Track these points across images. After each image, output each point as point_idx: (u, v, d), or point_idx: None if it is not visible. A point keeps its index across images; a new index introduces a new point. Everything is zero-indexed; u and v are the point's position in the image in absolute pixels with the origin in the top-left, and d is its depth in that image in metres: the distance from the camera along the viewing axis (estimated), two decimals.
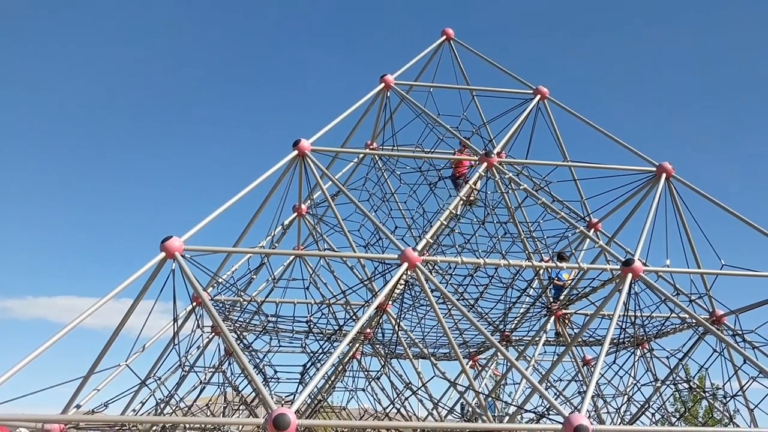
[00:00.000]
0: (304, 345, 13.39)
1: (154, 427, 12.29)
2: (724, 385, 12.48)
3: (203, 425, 13.55)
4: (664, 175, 12.46)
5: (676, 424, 14.54)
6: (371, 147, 15.12)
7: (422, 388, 13.17)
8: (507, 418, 14.94)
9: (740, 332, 12.25)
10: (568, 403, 14.47)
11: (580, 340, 14.44)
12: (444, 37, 15.50)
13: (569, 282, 14.57)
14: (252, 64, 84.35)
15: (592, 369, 13.16)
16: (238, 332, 13.05)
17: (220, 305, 12.72)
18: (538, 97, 13.87)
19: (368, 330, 13.51)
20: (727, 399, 12.67)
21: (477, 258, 11.51)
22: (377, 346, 14.20)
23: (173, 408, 12.33)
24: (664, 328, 13.55)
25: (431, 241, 12.14)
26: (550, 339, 15.09)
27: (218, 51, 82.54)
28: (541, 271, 13.56)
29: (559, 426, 7.88)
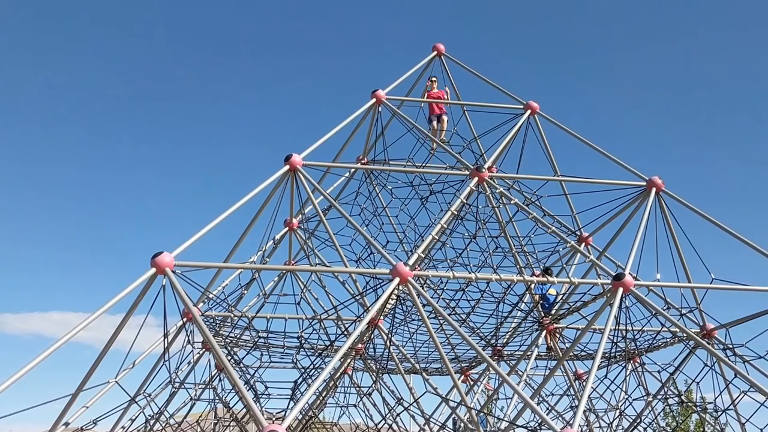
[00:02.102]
0: (295, 361, 13.33)
1: None
2: (716, 399, 12.52)
3: None
4: (654, 190, 12.53)
5: None
6: (363, 161, 15.15)
7: (414, 404, 13.12)
8: None
9: (731, 346, 12.28)
10: (560, 418, 14.45)
11: (571, 354, 14.44)
12: (435, 52, 15.58)
13: (560, 297, 14.58)
14: (243, 77, 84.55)
15: (584, 383, 13.15)
16: (229, 348, 12.98)
17: (211, 321, 12.66)
18: (529, 112, 13.94)
19: (360, 345, 13.47)
20: (719, 413, 12.68)
21: (468, 272, 11.51)
22: (369, 361, 14.15)
23: (163, 425, 12.23)
24: (655, 342, 13.57)
25: (423, 255, 12.14)
26: (541, 353, 15.08)
27: (210, 62, 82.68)
28: (533, 286, 13.58)
29: None
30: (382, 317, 12.72)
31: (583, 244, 14.42)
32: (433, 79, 15.35)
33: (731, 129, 74.84)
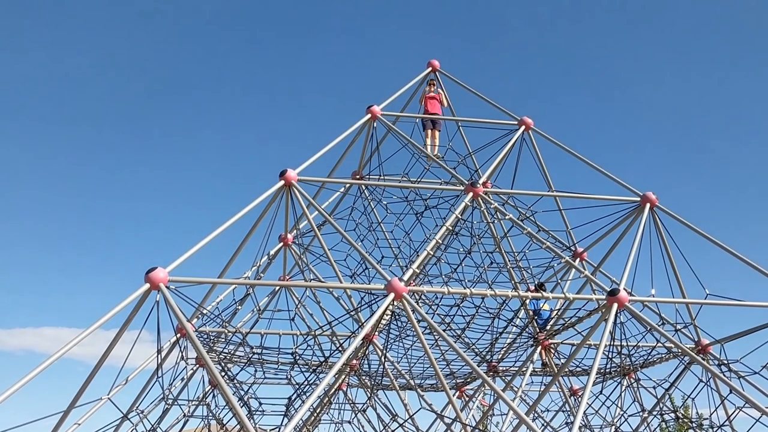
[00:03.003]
0: (289, 377, 13.26)
1: None
2: (711, 415, 12.48)
3: None
4: (648, 205, 12.58)
5: None
6: (358, 177, 15.16)
7: (409, 420, 13.05)
8: None
9: (726, 362, 12.28)
10: None
11: (566, 370, 14.40)
12: (430, 68, 15.64)
13: (555, 313, 14.58)
14: (239, 93, 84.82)
15: (579, 399, 13.11)
16: (223, 364, 12.90)
17: (205, 336, 12.59)
18: (523, 128, 13.99)
19: (354, 361, 13.40)
20: (714, 429, 12.65)
21: (463, 288, 11.49)
22: (363, 377, 14.08)
23: None
24: (650, 357, 13.55)
25: (418, 271, 12.13)
26: (537, 369, 15.05)
27: (207, 71, 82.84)
28: (527, 301, 13.57)
29: None
30: (376, 333, 12.67)
31: (578, 259, 14.43)
32: (433, 82, 15.43)
33: (726, 145, 75.26)
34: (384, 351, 12.88)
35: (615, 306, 10.23)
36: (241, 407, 11.23)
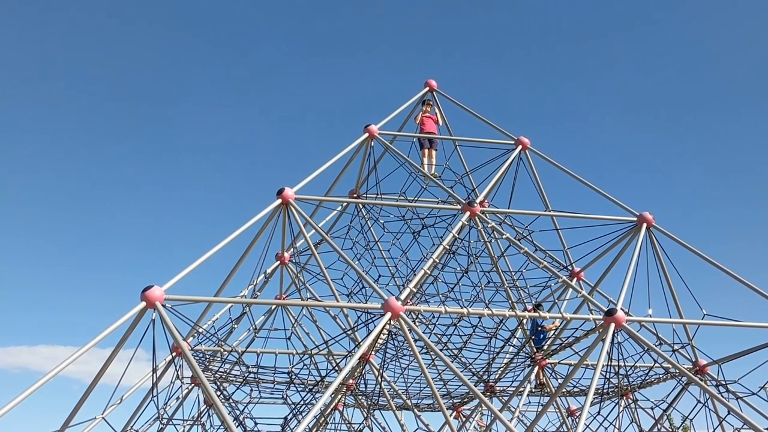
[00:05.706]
0: (285, 396, 13.18)
1: None
2: None
3: None
4: (644, 225, 12.59)
5: None
6: (355, 195, 15.16)
7: None
8: None
9: (723, 382, 12.24)
10: None
11: (564, 390, 14.34)
12: (427, 88, 15.70)
13: (553, 330, 14.54)
14: (237, 109, 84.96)
15: (577, 420, 13.04)
16: (218, 383, 12.83)
17: (201, 355, 12.53)
18: (520, 147, 14.03)
19: (351, 381, 13.34)
20: None
21: (461, 307, 11.47)
22: (360, 397, 14.02)
23: None
24: (647, 378, 13.50)
25: (414, 290, 12.11)
26: (534, 389, 14.98)
27: (206, 94, 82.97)
28: (525, 321, 13.53)
29: None
30: (373, 352, 12.62)
31: (575, 279, 14.40)
32: (429, 101, 15.47)
33: (727, 161, 75.46)
34: (381, 370, 12.83)
35: (612, 326, 10.21)
36: (237, 427, 11.14)
